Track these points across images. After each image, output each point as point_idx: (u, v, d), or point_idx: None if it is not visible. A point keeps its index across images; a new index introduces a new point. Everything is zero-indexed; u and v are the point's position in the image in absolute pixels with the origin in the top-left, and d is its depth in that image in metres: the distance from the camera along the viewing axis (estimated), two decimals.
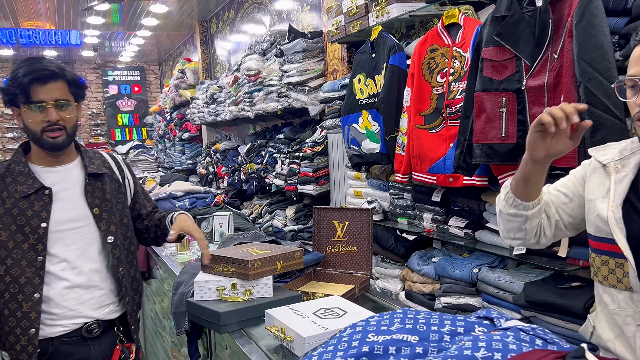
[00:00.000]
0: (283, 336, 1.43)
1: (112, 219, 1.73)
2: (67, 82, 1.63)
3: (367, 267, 1.97)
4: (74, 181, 1.70)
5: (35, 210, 1.61)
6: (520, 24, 1.89)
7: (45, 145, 1.61)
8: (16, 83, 1.55)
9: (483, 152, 2.02)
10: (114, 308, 1.75)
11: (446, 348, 1.03)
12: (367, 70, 2.86)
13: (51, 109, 1.57)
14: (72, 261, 1.65)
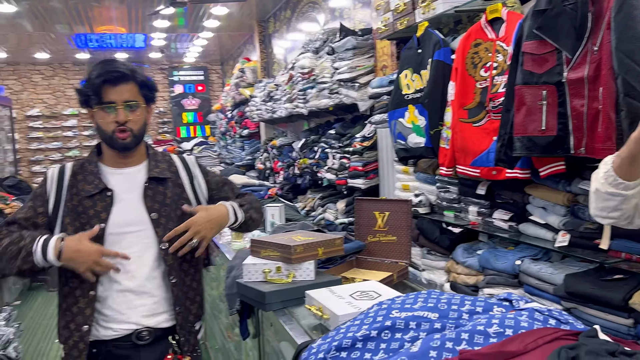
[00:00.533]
0: (321, 314, 1.55)
1: (169, 225, 1.70)
2: (138, 84, 1.67)
3: (406, 256, 2.05)
4: (136, 184, 1.71)
5: (97, 211, 1.65)
6: (560, 17, 1.90)
7: (115, 145, 1.66)
8: (89, 84, 1.63)
9: (523, 145, 2.04)
10: (168, 317, 1.71)
11: (463, 325, 1.11)
12: (414, 65, 2.92)
13: (120, 110, 1.62)
14: (126, 264, 1.65)
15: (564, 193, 2.12)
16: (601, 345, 0.95)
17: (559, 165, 2.07)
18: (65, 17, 7.20)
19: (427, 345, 1.04)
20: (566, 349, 0.90)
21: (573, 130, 1.91)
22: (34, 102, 10.73)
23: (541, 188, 2.24)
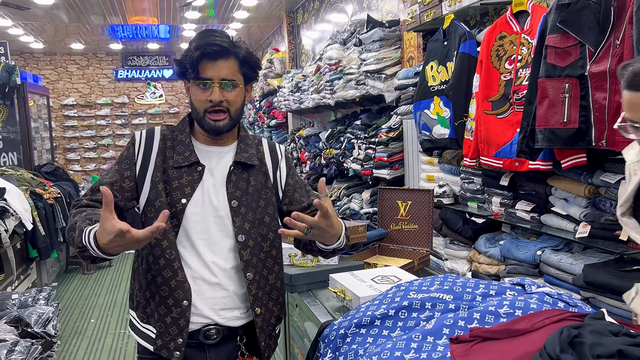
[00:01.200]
0: (343, 296, 1.64)
1: (248, 216, 1.55)
2: (239, 60, 1.49)
3: (427, 244, 2.12)
4: (223, 166, 1.57)
5: (182, 184, 1.51)
6: (584, 10, 1.93)
7: (206, 127, 1.51)
8: (187, 56, 1.47)
9: (545, 137, 2.08)
10: (239, 314, 1.55)
11: (476, 306, 1.18)
12: (439, 57, 2.95)
13: (216, 88, 1.46)
14: (199, 250, 1.51)
15: (585, 185, 2.15)
16: (605, 326, 1.01)
17: (580, 157, 2.10)
18: (100, 8, 7.42)
19: (441, 323, 1.12)
20: (569, 328, 0.97)
21: (595, 123, 1.93)
22: (69, 92, 11.08)
23: (563, 180, 2.27)
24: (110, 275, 6.35)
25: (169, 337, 1.46)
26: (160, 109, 11.50)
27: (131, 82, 11.38)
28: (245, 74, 1.52)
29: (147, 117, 11.43)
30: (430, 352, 1.04)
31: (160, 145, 1.55)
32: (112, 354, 4.00)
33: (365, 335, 1.20)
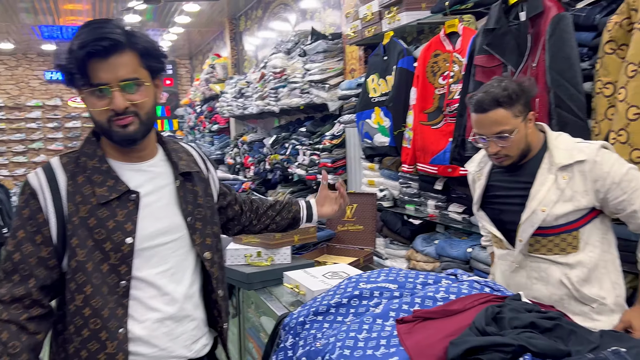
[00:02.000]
0: (297, 291, 1.80)
1: (207, 230, 1.36)
2: (139, 52, 1.20)
3: (372, 243, 2.32)
4: (162, 182, 1.32)
5: (119, 222, 1.22)
6: (506, 35, 2.20)
7: (115, 137, 1.21)
8: (71, 57, 1.15)
9: (473, 146, 2.33)
10: (205, 342, 1.39)
11: (417, 293, 1.37)
12: (380, 71, 3.18)
13: (116, 94, 1.17)
14: (161, 286, 1.27)
15: None
16: (521, 305, 1.23)
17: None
18: (32, 5, 7.17)
19: (388, 307, 1.30)
20: (493, 307, 1.18)
21: None
22: None
23: None
24: None
25: None
26: None
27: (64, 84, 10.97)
28: (150, 67, 1.23)
29: (81, 120, 11.07)
30: (379, 331, 1.21)
31: (69, 186, 1.22)
32: None
33: (322, 321, 1.37)
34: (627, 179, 1.55)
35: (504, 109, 1.59)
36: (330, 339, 1.24)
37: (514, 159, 1.66)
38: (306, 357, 1.25)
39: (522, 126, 1.62)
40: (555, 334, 1.11)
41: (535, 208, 1.62)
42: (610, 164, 1.57)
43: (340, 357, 1.16)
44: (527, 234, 1.65)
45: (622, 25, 1.79)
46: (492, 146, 1.63)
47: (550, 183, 1.61)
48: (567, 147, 1.62)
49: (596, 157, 1.57)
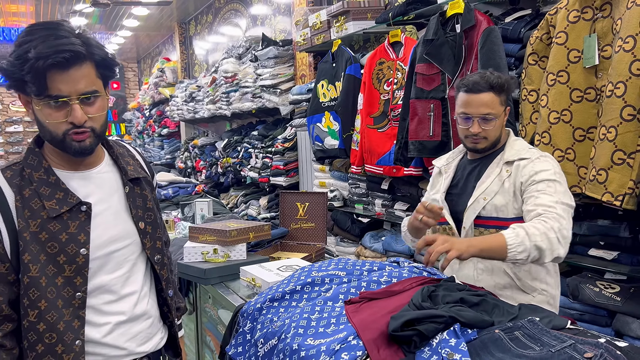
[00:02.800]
0: (254, 284, 1.91)
1: (156, 233, 1.40)
2: (96, 62, 1.19)
3: (323, 239, 2.45)
4: (111, 189, 1.32)
5: (71, 234, 1.22)
6: (443, 46, 2.40)
7: (70, 150, 1.21)
8: (26, 66, 1.11)
9: (415, 148, 2.52)
10: (160, 336, 1.44)
11: (363, 278, 1.52)
12: (329, 77, 3.34)
13: (76, 107, 1.16)
14: (116, 291, 1.30)
15: None
16: (454, 286, 1.39)
17: None
18: None
19: (337, 291, 1.44)
20: (429, 287, 1.34)
21: (453, 136, 2.40)
22: None
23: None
24: None
25: None
26: None
27: (3, 87, 10.58)
28: (104, 76, 1.23)
29: (23, 124, 10.68)
30: (330, 312, 1.35)
31: (17, 201, 1.20)
32: None
33: (278, 307, 1.48)
34: (548, 184, 1.61)
35: (494, 94, 1.69)
36: (285, 321, 1.36)
37: (488, 144, 1.75)
38: (264, 338, 1.37)
39: (502, 116, 1.74)
40: (481, 308, 1.28)
41: (478, 196, 1.75)
42: (543, 167, 1.65)
43: (295, 335, 1.28)
44: (470, 220, 1.77)
45: (542, 39, 2.01)
46: (475, 126, 1.71)
47: (495, 175, 1.74)
48: (519, 148, 1.75)
49: (536, 158, 1.69)
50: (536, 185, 1.64)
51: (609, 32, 1.76)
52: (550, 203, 1.57)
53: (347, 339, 1.21)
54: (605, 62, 1.78)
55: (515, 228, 1.52)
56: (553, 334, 1.14)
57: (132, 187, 1.35)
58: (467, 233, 1.79)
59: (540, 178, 1.64)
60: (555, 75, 1.92)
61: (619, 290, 1.84)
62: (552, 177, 1.63)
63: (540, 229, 1.50)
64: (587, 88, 1.85)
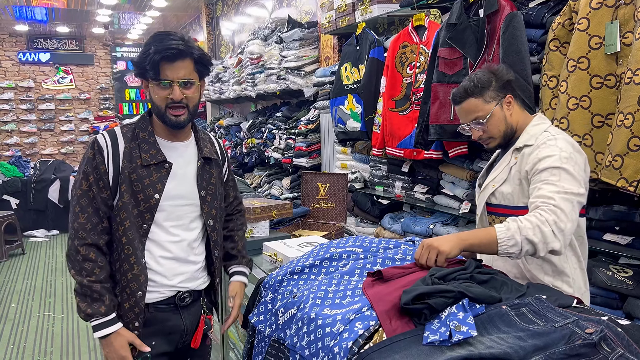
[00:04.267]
0: (275, 259, 2.00)
1: (214, 203, 1.78)
2: (194, 60, 1.63)
3: (342, 219, 2.53)
4: (188, 160, 1.73)
5: (152, 181, 1.64)
6: (466, 30, 2.42)
7: (168, 122, 1.64)
8: (147, 59, 1.57)
9: (436, 131, 2.56)
10: (203, 281, 1.80)
11: (379, 255, 1.59)
12: (353, 60, 3.38)
13: (176, 87, 1.59)
14: (175, 234, 1.69)
15: (467, 170, 2.67)
16: (468, 264, 1.45)
17: (463, 148, 2.61)
18: None
19: (354, 266, 1.51)
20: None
21: None
22: None
23: (450, 166, 2.78)
24: (24, 262, 6.22)
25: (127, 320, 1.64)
26: (69, 95, 11.08)
27: (37, 66, 10.84)
28: (199, 71, 1.65)
29: (55, 102, 10.96)
30: (346, 285, 1.43)
31: (126, 148, 1.64)
32: (39, 334, 4.07)
33: (298, 279, 1.57)
34: (552, 172, 1.57)
35: (474, 97, 1.72)
36: (304, 292, 1.45)
37: (498, 141, 1.75)
38: (284, 308, 1.46)
39: (498, 110, 1.71)
40: (490, 285, 1.34)
41: (488, 182, 1.78)
42: (547, 152, 1.60)
43: (313, 305, 1.37)
44: (480, 205, 1.82)
45: (564, 25, 2.03)
46: (473, 132, 1.76)
47: (506, 163, 1.75)
48: (534, 133, 1.71)
49: (542, 143, 1.64)
50: (540, 175, 1.60)
51: (631, 19, 1.76)
52: (549, 194, 1.52)
53: (362, 309, 1.28)
54: (626, 49, 1.79)
55: (508, 222, 1.50)
56: (558, 311, 1.20)
57: (203, 164, 1.75)
58: (482, 219, 1.84)
59: (544, 166, 1.59)
60: (576, 62, 1.94)
61: (631, 275, 1.88)
62: (556, 163, 1.57)
63: (533, 222, 1.47)
64: (607, 75, 1.87)
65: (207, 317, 1.83)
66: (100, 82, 11.43)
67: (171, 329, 1.72)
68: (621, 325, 1.14)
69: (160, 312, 1.69)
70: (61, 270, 5.86)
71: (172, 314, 1.71)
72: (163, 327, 1.70)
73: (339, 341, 1.21)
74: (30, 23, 9.55)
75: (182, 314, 1.73)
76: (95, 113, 11.39)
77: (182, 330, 1.74)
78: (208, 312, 1.84)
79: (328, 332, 1.25)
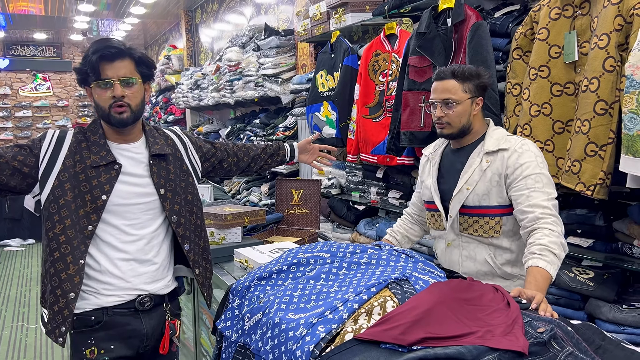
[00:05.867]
0: (246, 265, 2.02)
1: (176, 199, 1.75)
2: (135, 60, 1.65)
3: (316, 224, 2.56)
4: (139, 160, 1.72)
5: (100, 182, 1.63)
6: (435, 39, 2.47)
7: (112, 121, 1.63)
8: (87, 62, 1.59)
9: (407, 138, 2.61)
10: (165, 283, 1.76)
11: (345, 259, 1.62)
12: (328, 67, 3.42)
13: (117, 85, 1.59)
14: (131, 234, 1.67)
15: None
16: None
17: None
18: None
19: (319, 270, 1.54)
20: None
21: None
22: None
23: None
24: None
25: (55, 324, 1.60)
26: (47, 102, 10.97)
27: (14, 73, 10.72)
28: (142, 72, 1.67)
29: (32, 109, 10.84)
30: (311, 289, 1.45)
31: (72, 147, 1.65)
32: (12, 345, 4.01)
33: (265, 285, 1.59)
34: (535, 179, 1.69)
35: (456, 80, 1.79)
36: (270, 297, 1.47)
37: (453, 130, 1.83)
38: (250, 313, 1.48)
39: (468, 103, 1.80)
40: None
41: (462, 186, 1.82)
42: (526, 159, 1.72)
43: (278, 310, 1.39)
44: (455, 209, 1.84)
45: (526, 34, 2.09)
46: (437, 110, 1.82)
47: (476, 165, 1.81)
48: (498, 138, 1.81)
49: (518, 148, 1.75)
50: (524, 181, 1.71)
51: (587, 29, 1.83)
52: (543, 203, 1.66)
53: (324, 313, 1.31)
54: (583, 58, 1.85)
55: (543, 254, 1.58)
56: None
57: (157, 161, 1.74)
58: (453, 221, 1.88)
59: (528, 173, 1.70)
60: (537, 70, 2.00)
61: (593, 276, 1.93)
62: (537, 169, 1.70)
63: (556, 242, 1.60)
64: (566, 82, 1.93)
65: (172, 322, 1.80)
66: (79, 89, 11.33)
67: (131, 333, 1.69)
68: (572, 325, 1.18)
69: (120, 315, 1.66)
70: (36, 280, 5.77)
71: (132, 318, 1.68)
72: (122, 330, 1.67)
73: (301, 345, 1.23)
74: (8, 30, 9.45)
75: (142, 319, 1.70)
76: (74, 120, 11.30)
77: (142, 335, 1.71)
78: (173, 317, 1.81)
79: (291, 336, 1.27)
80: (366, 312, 1.30)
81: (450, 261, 1.95)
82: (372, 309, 1.31)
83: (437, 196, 1.92)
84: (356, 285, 1.43)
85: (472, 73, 1.80)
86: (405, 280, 1.44)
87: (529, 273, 1.57)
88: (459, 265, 1.91)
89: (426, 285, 1.41)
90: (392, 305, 1.31)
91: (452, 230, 1.91)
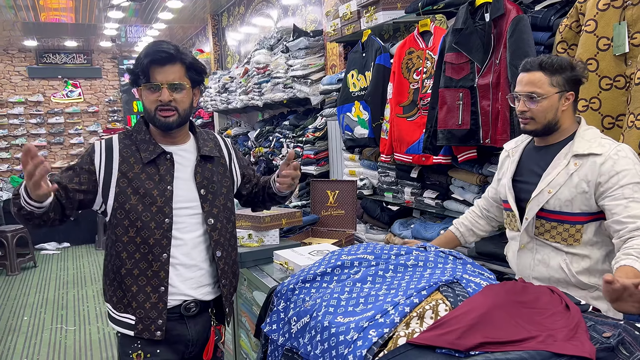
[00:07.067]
0: (286, 267, 2.00)
1: (215, 202, 1.75)
2: (185, 65, 1.65)
3: (352, 226, 2.53)
4: (186, 162, 1.73)
5: (162, 174, 1.66)
6: (472, 35, 2.42)
7: (157, 123, 1.66)
8: (138, 64, 1.63)
9: (444, 136, 2.55)
10: (210, 290, 1.76)
11: (390, 262, 1.59)
12: (359, 67, 3.39)
13: (164, 89, 1.61)
14: (178, 238, 1.68)
15: (476, 175, 2.65)
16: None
17: (472, 152, 2.60)
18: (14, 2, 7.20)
19: (365, 273, 1.51)
20: None
21: (482, 125, 2.43)
22: None
23: (460, 171, 2.77)
24: (36, 275, 6.26)
25: (149, 321, 1.64)
26: (78, 108, 11.19)
27: (46, 80, 10.96)
28: (192, 78, 1.68)
29: (64, 116, 11.07)
30: (358, 292, 1.42)
31: (123, 152, 1.67)
32: (52, 347, 4.09)
33: (310, 287, 1.57)
34: (634, 189, 1.57)
35: (543, 73, 1.66)
36: (317, 300, 1.44)
37: (537, 126, 1.71)
38: (296, 316, 1.46)
39: (555, 98, 1.67)
40: None
41: (543, 188, 1.70)
42: (623, 166, 1.59)
43: (326, 313, 1.36)
44: (532, 212, 1.73)
45: (571, 27, 2.02)
46: (520, 104, 1.71)
47: (562, 168, 1.68)
48: (590, 139, 1.66)
49: (614, 154, 1.61)
50: (621, 190, 1.58)
51: (639, 19, 1.75)
52: None
53: (375, 317, 1.28)
54: (634, 50, 1.78)
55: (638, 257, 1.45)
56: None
57: (203, 163, 1.75)
58: (529, 224, 1.77)
59: (625, 182, 1.58)
60: (584, 64, 1.93)
61: None
62: (636, 178, 1.57)
63: None
64: (616, 76, 1.86)
65: (217, 328, 1.81)
66: (108, 95, 11.54)
67: (176, 339, 1.70)
68: (639, 328, 1.13)
69: (167, 320, 1.67)
70: (72, 283, 5.89)
71: (178, 323, 1.69)
72: (168, 335, 1.68)
73: (352, 349, 1.20)
74: (40, 38, 9.66)
75: (187, 324, 1.71)
76: (104, 125, 11.49)
77: (187, 340, 1.72)
78: (218, 323, 1.82)
79: (342, 340, 1.24)
80: (418, 316, 1.27)
81: (522, 265, 1.84)
82: (424, 313, 1.27)
83: (512, 196, 1.81)
84: (405, 288, 1.40)
85: (563, 65, 1.67)
86: (456, 283, 1.39)
87: (619, 270, 1.44)
88: (530, 270, 1.80)
89: (478, 288, 1.36)
90: (445, 308, 1.27)
91: (526, 233, 1.80)
